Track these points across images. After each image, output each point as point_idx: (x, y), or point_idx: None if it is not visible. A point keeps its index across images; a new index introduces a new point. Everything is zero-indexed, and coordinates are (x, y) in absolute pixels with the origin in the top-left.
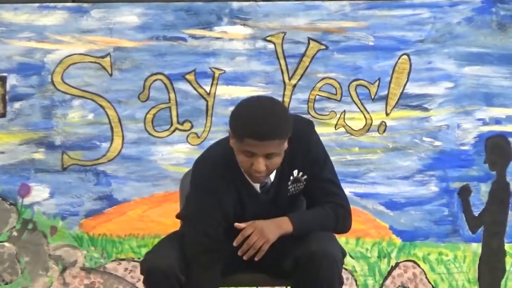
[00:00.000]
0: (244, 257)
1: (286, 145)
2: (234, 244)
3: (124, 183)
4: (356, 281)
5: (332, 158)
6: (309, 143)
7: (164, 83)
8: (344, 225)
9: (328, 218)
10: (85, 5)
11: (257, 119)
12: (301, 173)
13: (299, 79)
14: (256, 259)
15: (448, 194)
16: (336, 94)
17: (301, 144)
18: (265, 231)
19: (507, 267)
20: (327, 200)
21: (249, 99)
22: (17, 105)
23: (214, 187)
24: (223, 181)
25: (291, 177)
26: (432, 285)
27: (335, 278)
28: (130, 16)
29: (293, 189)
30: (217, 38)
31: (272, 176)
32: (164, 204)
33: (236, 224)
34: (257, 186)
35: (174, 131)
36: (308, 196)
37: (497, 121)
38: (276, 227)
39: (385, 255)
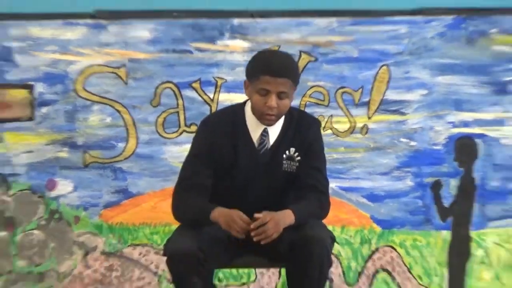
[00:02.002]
0: (255, 239)
1: (293, 97)
2: (252, 226)
3: (139, 178)
4: (341, 263)
5: None
6: (312, 130)
7: (173, 91)
8: (325, 213)
9: (317, 208)
10: (103, 21)
11: (272, 60)
12: (296, 153)
13: None
14: (262, 243)
15: (422, 188)
16: (324, 100)
17: (306, 127)
18: (279, 224)
19: (472, 252)
20: (312, 183)
21: (263, 50)
22: (43, 110)
23: (213, 130)
24: (224, 127)
25: (287, 152)
26: (407, 267)
27: (325, 260)
28: (143, 31)
29: (286, 165)
30: (220, 51)
31: (272, 140)
32: None
33: (256, 215)
34: (255, 138)
35: (182, 133)
36: (297, 177)
37: (466, 124)
38: (284, 220)
39: (367, 241)
